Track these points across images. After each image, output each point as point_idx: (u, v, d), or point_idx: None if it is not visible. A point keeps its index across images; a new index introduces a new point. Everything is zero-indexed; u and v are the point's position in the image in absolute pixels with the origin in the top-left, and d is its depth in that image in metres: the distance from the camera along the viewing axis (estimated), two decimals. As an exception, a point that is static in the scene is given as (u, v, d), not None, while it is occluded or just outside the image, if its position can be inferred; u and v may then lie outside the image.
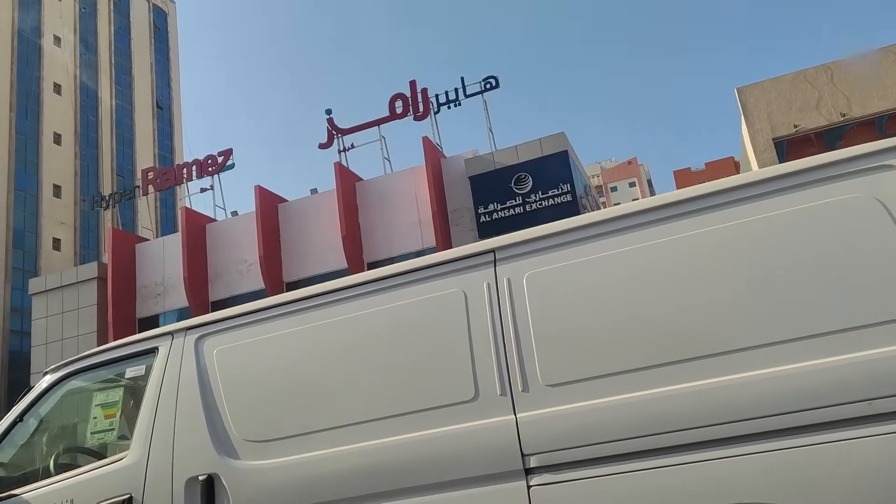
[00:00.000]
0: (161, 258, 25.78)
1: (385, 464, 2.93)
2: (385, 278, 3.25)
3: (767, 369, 2.54)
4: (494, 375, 2.88)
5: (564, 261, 2.94)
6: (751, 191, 2.79)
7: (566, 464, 2.70)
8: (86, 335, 25.39)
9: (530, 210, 20.70)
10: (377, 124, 24.83)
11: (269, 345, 3.36)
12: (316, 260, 23.49)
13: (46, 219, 34.18)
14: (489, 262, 3.08)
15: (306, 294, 3.41)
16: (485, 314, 2.98)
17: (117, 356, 3.74)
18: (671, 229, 2.84)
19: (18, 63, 34.58)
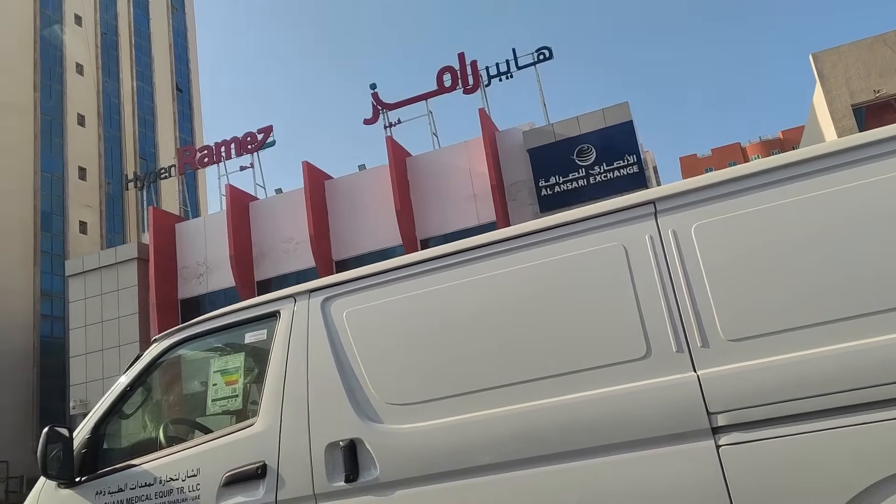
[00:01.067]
0: (203, 238, 25.20)
1: (548, 426, 2.79)
2: (535, 232, 3.09)
3: None
4: (668, 332, 2.75)
5: (735, 210, 2.80)
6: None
7: (760, 422, 2.56)
8: (127, 317, 24.84)
9: (594, 182, 20.18)
10: (424, 98, 24.23)
11: (408, 305, 3.21)
12: (367, 237, 22.94)
13: (73, 201, 33.51)
14: (649, 213, 2.95)
15: (448, 251, 3.23)
16: (650, 268, 2.85)
17: (233, 321, 3.57)
18: (848, 176, 2.67)
19: (41, 42, 33.81)
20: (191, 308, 24.86)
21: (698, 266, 2.78)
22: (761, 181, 2.81)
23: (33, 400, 28.94)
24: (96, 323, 25.12)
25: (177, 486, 3.23)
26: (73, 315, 25.62)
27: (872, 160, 2.69)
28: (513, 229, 3.17)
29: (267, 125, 26.23)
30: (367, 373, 3.16)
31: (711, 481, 2.56)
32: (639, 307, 2.81)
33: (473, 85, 23.57)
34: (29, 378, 29.17)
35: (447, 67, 23.97)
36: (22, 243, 30.39)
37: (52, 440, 3.32)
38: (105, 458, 3.50)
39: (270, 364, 3.34)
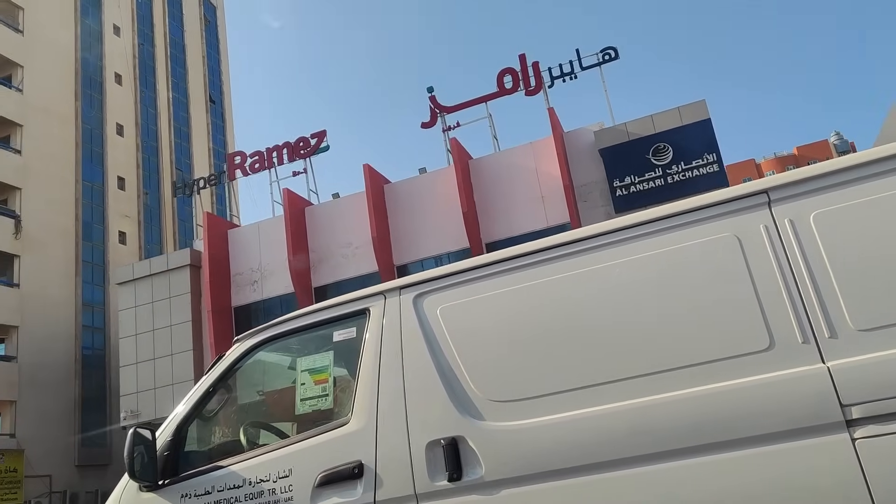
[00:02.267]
0: (257, 244, 24.69)
1: (665, 421, 2.72)
2: (644, 224, 3.03)
3: None
4: (792, 323, 2.70)
5: (857, 197, 2.75)
6: None
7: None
8: (179, 325, 24.26)
9: (673, 182, 19.63)
10: (484, 101, 23.81)
11: (507, 299, 3.14)
12: (429, 241, 22.40)
13: (112, 211, 33.08)
14: (763, 203, 2.90)
15: (550, 244, 3.18)
16: (767, 258, 2.81)
17: (319, 320, 3.53)
18: None
19: (82, 52, 33.59)
20: (245, 315, 24.30)
21: (820, 255, 2.73)
22: (881, 168, 2.76)
23: (75, 412, 28.29)
24: (147, 332, 24.53)
25: (268, 487, 3.16)
26: (122, 324, 25.04)
27: None
28: (617, 221, 3.10)
29: (320, 130, 25.81)
30: (467, 369, 3.10)
31: (849, 476, 2.49)
32: (758, 298, 2.76)
33: (536, 86, 23.14)
34: (70, 391, 28.55)
35: (508, 69, 23.57)
36: (63, 253, 29.93)
37: (137, 441, 3.25)
38: (188, 460, 3.45)
39: (363, 362, 3.29)
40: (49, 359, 27.83)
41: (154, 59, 39.03)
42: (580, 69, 22.79)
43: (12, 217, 27.83)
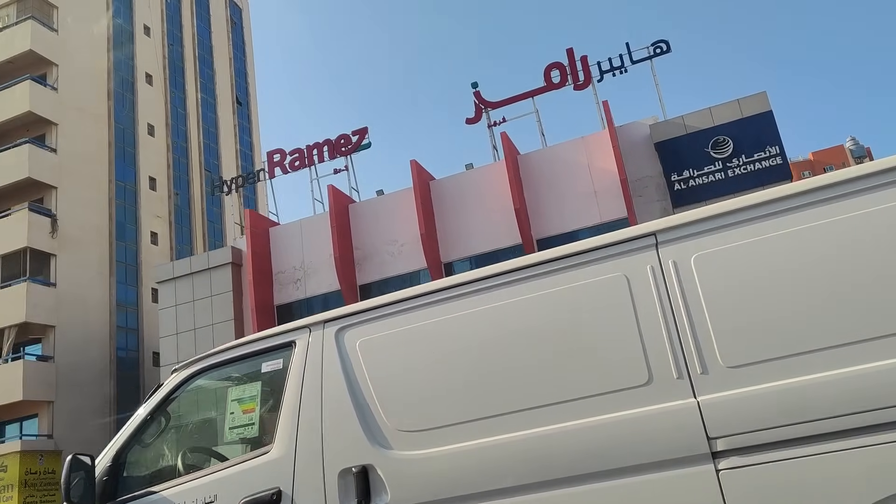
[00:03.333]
0: (299, 242, 24.34)
1: (555, 451, 2.88)
2: (541, 263, 3.21)
3: None
4: (669, 359, 2.84)
5: (734, 241, 2.91)
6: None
7: (758, 446, 2.64)
8: (221, 323, 23.91)
9: (734, 175, 19.19)
10: (531, 96, 23.43)
11: (418, 334, 3.32)
12: (478, 238, 22.01)
13: (144, 211, 32.83)
14: (651, 245, 3.05)
15: (456, 282, 3.35)
16: (651, 298, 2.95)
17: (250, 352, 3.70)
18: (852, 205, 2.77)
19: (114, 51, 33.43)
20: (287, 313, 23.93)
21: (698, 295, 2.87)
22: (757, 213, 2.90)
23: (110, 413, 27.95)
24: (188, 331, 24.19)
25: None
26: (162, 323, 24.70)
27: (867, 192, 2.75)
28: (518, 261, 3.27)
29: (361, 127, 25.48)
30: (379, 400, 3.25)
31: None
32: (640, 335, 2.89)
33: (585, 80, 22.76)
34: (106, 392, 28.24)
35: (555, 63, 23.21)
36: (98, 253, 29.66)
37: (75, 468, 3.38)
38: (125, 485, 3.59)
39: (286, 393, 3.44)
40: (85, 359, 27.54)
41: (183, 60, 38.88)
42: (630, 63, 22.39)
43: (48, 216, 27.60)
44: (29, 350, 26.44)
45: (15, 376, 24.91)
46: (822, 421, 2.56)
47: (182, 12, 39.93)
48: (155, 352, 31.17)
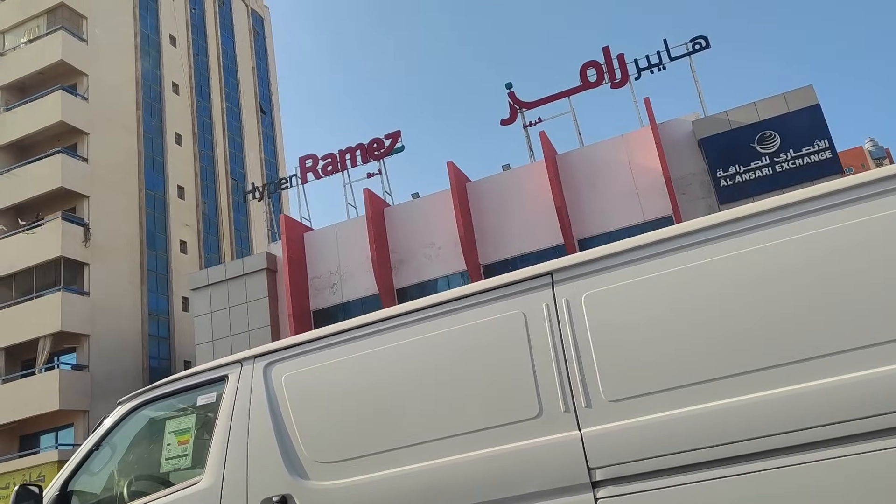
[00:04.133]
0: (334, 246, 24.16)
1: (454, 480, 3.04)
2: (445, 302, 3.37)
3: (829, 378, 2.60)
4: (557, 393, 2.97)
5: (621, 280, 3.04)
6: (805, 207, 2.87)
7: (633, 476, 2.78)
8: (257, 329, 23.73)
9: (782, 170, 18.82)
10: (567, 95, 23.19)
11: (335, 369, 3.49)
12: (518, 239, 21.73)
13: (173, 220, 32.81)
14: (547, 284, 3.18)
15: (369, 320, 3.53)
16: (545, 334, 3.08)
17: (188, 385, 3.87)
18: (723, 248, 2.92)
19: (142, 61, 33.53)
20: (324, 319, 23.71)
21: (585, 331, 3.00)
22: (644, 254, 3.03)
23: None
24: (224, 337, 24.03)
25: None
26: (198, 330, 24.57)
27: (736, 235, 2.91)
28: (427, 300, 3.45)
29: (394, 130, 25.32)
30: (300, 432, 3.41)
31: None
32: (534, 370, 3.02)
33: (622, 79, 22.49)
34: (139, 400, 28.10)
35: (591, 62, 22.96)
36: (129, 262, 29.63)
37: (23, 498, 3.50)
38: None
39: (217, 425, 3.61)
40: (118, 368, 27.45)
41: (208, 70, 38.98)
42: (669, 59, 22.10)
43: (81, 225, 27.60)
44: (64, 359, 26.37)
45: (51, 386, 24.84)
46: (694, 451, 2.70)
47: (206, 22, 40.07)
48: (186, 360, 31.08)
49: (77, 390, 25.45)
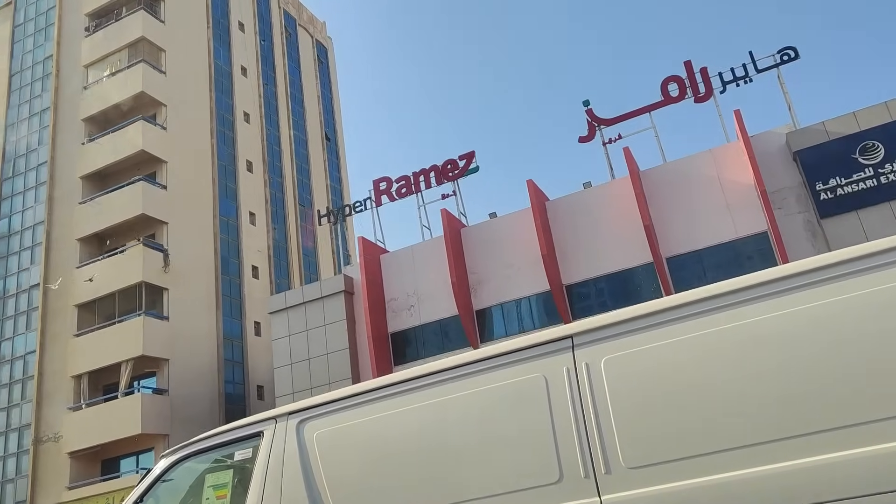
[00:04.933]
0: (411, 268, 23.99)
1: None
2: (469, 364, 3.41)
3: (857, 449, 2.54)
4: (577, 458, 2.96)
5: (640, 345, 3.02)
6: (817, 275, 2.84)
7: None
8: (336, 353, 23.64)
9: (887, 182, 17.88)
10: (648, 111, 22.68)
11: (362, 428, 3.56)
12: (602, 258, 21.17)
13: (245, 245, 33.27)
14: (567, 347, 3.20)
15: (396, 380, 3.59)
16: (566, 398, 3.09)
17: (227, 440, 3.98)
18: (745, 313, 2.87)
19: (216, 91, 34.40)
20: (402, 341, 23.51)
21: (605, 397, 3.01)
22: (664, 318, 3.04)
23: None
24: (303, 360, 24.01)
25: None
26: (276, 353, 24.62)
27: (760, 300, 2.87)
28: (451, 360, 3.51)
29: (468, 151, 25.16)
30: (329, 490, 3.51)
31: None
32: (554, 435, 3.05)
33: (706, 93, 21.89)
34: (215, 423, 28.22)
35: (672, 77, 22.44)
36: (205, 287, 30.06)
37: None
38: None
39: (252, 481, 3.72)
40: (195, 392, 27.69)
41: (276, 99, 39.78)
42: (755, 71, 21.43)
43: (161, 251, 28.14)
44: (144, 384, 26.73)
45: (133, 410, 25.14)
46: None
47: (275, 53, 40.99)
48: (259, 385, 31.25)
49: (157, 414, 25.70)
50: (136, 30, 30.95)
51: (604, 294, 21.23)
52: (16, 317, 29.70)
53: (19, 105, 33.88)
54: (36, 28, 34.90)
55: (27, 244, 30.71)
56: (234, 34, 37.49)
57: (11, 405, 28.22)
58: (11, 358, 29.05)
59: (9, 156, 33.13)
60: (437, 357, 22.81)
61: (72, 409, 26.64)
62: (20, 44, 35.16)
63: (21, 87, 34.20)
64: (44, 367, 27.96)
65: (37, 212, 30.92)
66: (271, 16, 42.04)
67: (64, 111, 32.11)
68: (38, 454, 26.81)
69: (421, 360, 22.91)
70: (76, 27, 33.28)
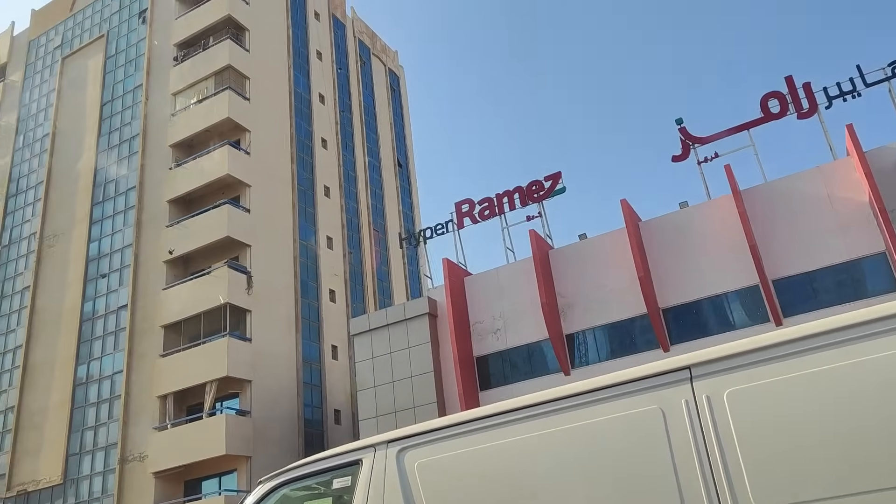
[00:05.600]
0: (496, 291, 23.50)
1: None
2: (580, 394, 3.29)
3: None
4: (702, 494, 2.81)
5: (768, 377, 2.85)
6: None
7: None
8: (420, 376, 23.23)
9: None
10: (747, 128, 21.80)
11: (468, 458, 3.44)
12: (703, 281, 20.26)
13: (323, 270, 33.44)
14: (685, 378, 3.06)
15: (503, 408, 3.48)
16: (686, 432, 2.95)
17: (325, 467, 3.91)
18: (889, 345, 2.66)
19: (296, 117, 35.02)
20: (488, 365, 22.94)
21: (730, 432, 2.84)
22: (792, 349, 2.84)
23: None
24: (387, 384, 23.67)
25: None
26: (360, 376, 24.38)
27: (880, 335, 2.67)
28: (561, 390, 3.39)
29: (555, 171, 24.69)
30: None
31: None
32: (675, 470, 2.90)
33: (810, 108, 20.93)
34: (294, 448, 28.11)
35: (773, 93, 21.56)
36: (285, 309, 30.23)
37: None
38: None
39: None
40: (276, 414, 27.66)
41: (352, 125, 40.28)
42: (864, 86, 20.39)
43: (245, 273, 28.44)
44: (228, 405, 26.83)
45: (217, 431, 25.20)
46: None
47: (350, 80, 41.63)
48: (336, 409, 31.05)
49: (241, 436, 25.70)
50: (223, 58, 31.81)
51: (705, 318, 20.28)
52: (104, 337, 30.39)
53: (110, 132, 35.14)
54: (126, 59, 36.31)
55: (115, 266, 31.53)
56: (312, 62, 38.24)
57: (99, 424, 28.72)
58: (99, 377, 29.66)
59: (99, 181, 34.29)
60: (525, 382, 22.20)
61: (157, 429, 26.91)
62: (111, 74, 36.61)
63: (112, 116, 35.51)
64: (130, 386, 28.43)
65: (125, 235, 31.77)
66: (347, 45, 42.82)
67: (152, 138, 33.12)
68: (124, 473, 27.11)
69: (508, 384, 22.32)
70: (165, 57, 34.46)
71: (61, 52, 39.87)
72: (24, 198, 37.27)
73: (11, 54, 42.65)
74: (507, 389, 22.08)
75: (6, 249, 36.53)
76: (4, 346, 33.83)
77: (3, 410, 32.26)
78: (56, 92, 38.68)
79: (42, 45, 41.33)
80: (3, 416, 32.09)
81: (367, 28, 46.08)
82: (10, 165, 38.80)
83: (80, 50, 38.94)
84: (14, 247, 36.20)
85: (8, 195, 37.98)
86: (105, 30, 38.16)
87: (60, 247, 34.10)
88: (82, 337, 31.06)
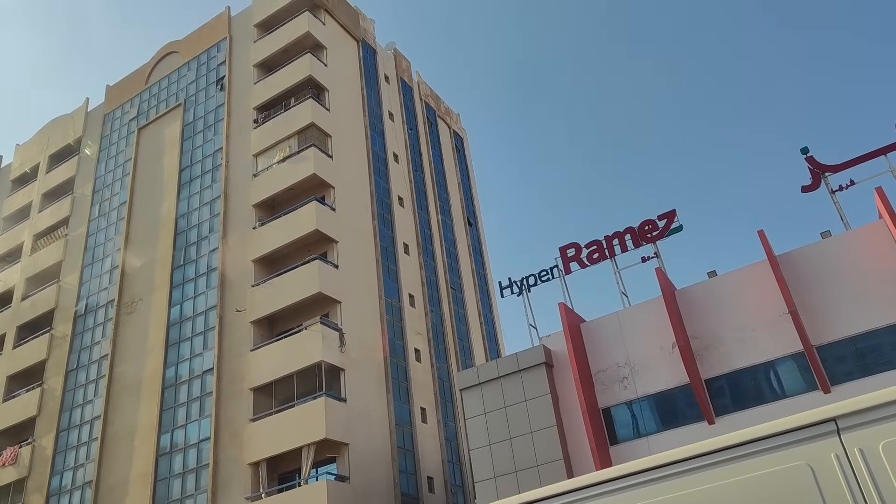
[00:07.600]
0: (619, 337, 21.98)
1: None
2: (718, 451, 3.13)
3: None
4: None
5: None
6: None
7: None
8: (541, 431, 21.50)
9: None
10: (884, 153, 20.54)
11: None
12: (856, 315, 18.60)
13: (408, 328, 32.21)
14: (832, 431, 2.92)
15: (644, 466, 3.31)
16: (841, 489, 2.77)
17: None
18: None
19: (374, 175, 34.64)
20: (616, 417, 21.19)
21: (892, 486, 2.67)
22: None
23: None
24: (503, 441, 21.94)
25: None
26: (472, 434, 22.69)
27: None
28: (698, 447, 3.22)
29: (669, 210, 23.51)
30: None
31: None
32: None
33: (956, 127, 19.66)
34: (391, 516, 26.20)
35: (909, 115, 20.35)
36: (375, 368, 28.90)
37: None
38: None
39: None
40: (372, 479, 25.97)
41: (424, 184, 39.90)
42: None
43: (337, 330, 27.33)
44: (326, 469, 25.21)
45: (318, 499, 23.53)
46: None
47: (420, 141, 41.50)
48: (430, 476, 29.15)
49: (340, 502, 23.95)
50: (306, 116, 31.73)
51: (863, 355, 18.51)
52: (188, 403, 29.21)
53: (190, 196, 35.01)
54: (205, 125, 36.56)
55: (199, 329, 30.64)
56: (385, 122, 38.19)
57: (185, 496, 27.16)
58: (185, 446, 28.31)
59: (179, 245, 33.89)
60: (661, 434, 20.38)
61: (250, 499, 25.27)
62: (190, 140, 36.82)
63: (192, 180, 35.46)
64: (219, 454, 26.99)
65: (208, 297, 31.03)
66: (415, 106, 42.93)
67: (234, 199, 32.82)
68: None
69: (640, 437, 20.52)
70: (244, 120, 34.57)
71: (137, 123, 40.44)
72: (100, 266, 37.03)
73: (86, 129, 43.46)
74: (641, 443, 20.30)
75: (82, 319, 36.02)
76: (81, 417, 32.80)
77: (80, 486, 30.91)
78: (132, 161, 39.01)
79: (117, 117, 42.06)
80: (80, 492, 30.71)
81: (432, 91, 46.35)
82: (86, 235, 38.80)
83: (157, 119, 39.45)
84: (91, 315, 35.68)
85: (84, 264, 37.80)
86: (182, 98, 38.68)
87: (140, 313, 33.46)
88: (165, 404, 29.91)
